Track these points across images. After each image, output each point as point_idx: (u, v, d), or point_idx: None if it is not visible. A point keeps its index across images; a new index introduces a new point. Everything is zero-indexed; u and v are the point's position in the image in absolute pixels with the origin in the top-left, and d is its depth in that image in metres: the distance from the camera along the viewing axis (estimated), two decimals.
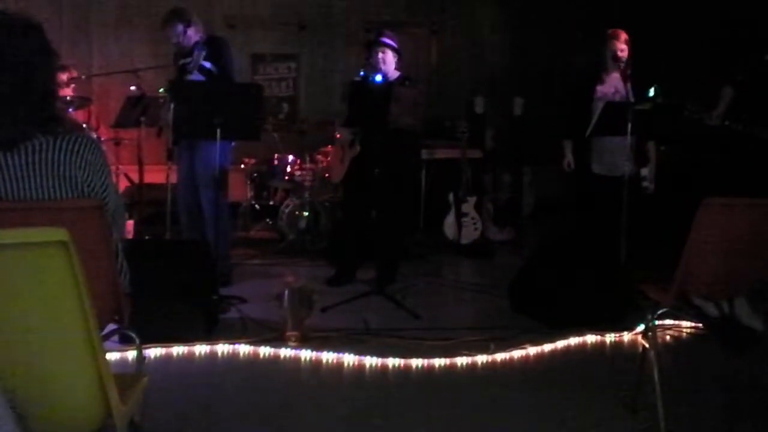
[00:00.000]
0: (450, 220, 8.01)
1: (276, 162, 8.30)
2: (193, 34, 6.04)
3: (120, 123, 7.68)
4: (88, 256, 2.19)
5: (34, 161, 2.49)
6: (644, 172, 6.07)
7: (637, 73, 6.01)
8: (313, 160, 8.16)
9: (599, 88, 6.18)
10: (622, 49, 6.07)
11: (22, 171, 2.48)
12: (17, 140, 2.48)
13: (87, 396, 1.96)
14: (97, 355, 1.91)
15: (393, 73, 6.12)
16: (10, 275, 1.78)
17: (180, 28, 5.99)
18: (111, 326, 2.83)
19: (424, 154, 8.40)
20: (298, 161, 8.21)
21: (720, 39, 7.14)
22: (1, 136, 2.47)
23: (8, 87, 2.44)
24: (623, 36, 6.09)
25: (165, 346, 4.50)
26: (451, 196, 8.03)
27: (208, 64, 5.93)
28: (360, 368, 4.36)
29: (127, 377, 2.41)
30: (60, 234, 1.75)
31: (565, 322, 5.08)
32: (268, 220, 8.36)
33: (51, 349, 1.89)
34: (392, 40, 6.18)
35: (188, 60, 5.99)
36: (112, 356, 4.11)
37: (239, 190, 8.38)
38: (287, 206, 7.87)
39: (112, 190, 2.71)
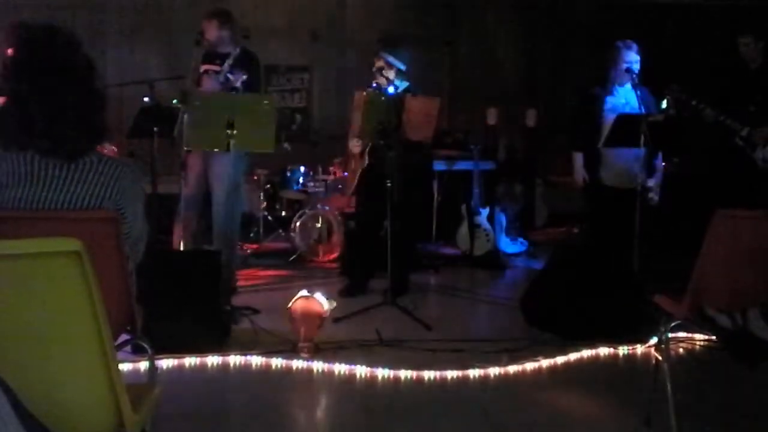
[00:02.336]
0: (463, 231, 8.00)
1: (289, 173, 8.32)
2: (228, 41, 6.07)
3: (133, 134, 7.70)
4: (102, 267, 2.19)
5: (78, 178, 2.54)
6: (650, 182, 6.05)
7: (648, 84, 6.01)
8: (325, 171, 8.18)
9: (610, 99, 6.17)
10: (634, 60, 6.07)
11: (63, 183, 2.51)
12: (78, 154, 2.51)
13: (99, 405, 1.97)
14: (110, 364, 1.92)
15: (404, 84, 6.15)
16: (24, 285, 1.80)
17: (221, 27, 6.02)
18: (124, 336, 2.84)
19: (437, 165, 8.41)
20: (311, 172, 8.23)
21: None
22: (69, 148, 2.50)
23: (77, 100, 2.48)
24: (635, 47, 6.09)
25: (177, 357, 4.51)
26: (463, 208, 8.03)
27: (239, 76, 5.93)
28: (372, 380, 4.36)
29: (140, 387, 2.41)
30: (74, 244, 1.76)
31: (578, 334, 5.06)
32: (280, 231, 8.37)
33: (64, 359, 1.90)
34: (392, 56, 6.21)
35: (218, 68, 6.00)
36: (124, 366, 4.11)
37: (252, 201, 8.40)
38: (300, 217, 7.89)
39: (140, 219, 2.75)
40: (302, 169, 8.29)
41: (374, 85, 6.16)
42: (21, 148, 2.50)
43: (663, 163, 6.30)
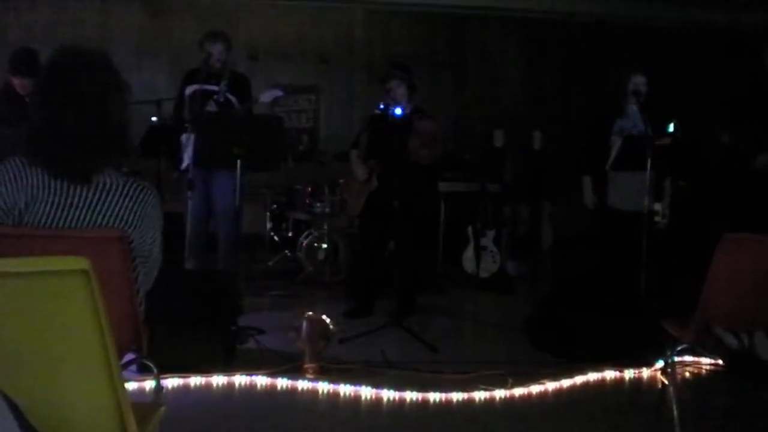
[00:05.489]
0: (469, 253, 8.01)
1: (295, 193, 8.34)
2: (223, 59, 6.13)
3: (141, 153, 7.73)
4: (109, 286, 2.20)
5: (99, 199, 2.55)
6: (657, 206, 6.05)
7: (655, 108, 6.02)
8: (332, 192, 8.19)
9: (618, 122, 6.19)
10: (641, 83, 6.09)
11: (82, 202, 2.53)
12: (91, 175, 2.53)
13: (105, 424, 1.96)
14: (116, 384, 1.92)
15: (410, 107, 6.16)
16: (30, 303, 1.80)
17: (222, 48, 6.08)
18: (129, 355, 2.84)
19: (443, 186, 8.42)
20: (317, 193, 8.25)
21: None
22: (77, 169, 2.52)
23: (86, 121, 2.50)
24: (642, 70, 6.11)
25: (183, 377, 4.50)
26: (470, 230, 8.03)
27: (233, 99, 5.99)
28: (377, 401, 4.34)
29: (145, 407, 2.41)
30: (81, 263, 1.76)
31: (585, 357, 5.05)
32: (286, 251, 8.38)
33: (70, 378, 1.89)
34: (405, 72, 6.23)
35: (214, 88, 6.04)
36: (130, 385, 4.10)
37: (258, 221, 8.42)
38: (306, 238, 7.89)
39: (158, 245, 2.76)
40: (308, 189, 8.30)
41: (381, 107, 6.17)
42: (41, 167, 2.52)
43: (671, 187, 6.30)
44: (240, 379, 4.59)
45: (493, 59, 10.65)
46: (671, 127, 5.89)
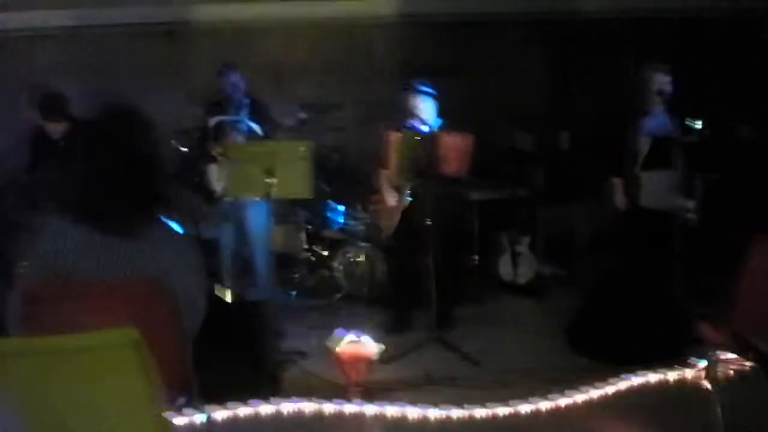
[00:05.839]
0: (504, 260, 8.02)
1: (329, 212, 8.39)
2: (242, 88, 6.22)
3: (178, 183, 7.83)
4: (157, 335, 2.27)
5: (142, 251, 2.62)
6: (689, 204, 6.04)
7: (682, 105, 6.01)
8: (365, 209, 8.21)
9: (645, 122, 6.18)
10: (666, 82, 6.08)
11: (124, 254, 2.60)
12: (140, 229, 2.61)
13: None
14: None
15: (436, 121, 6.20)
16: (84, 376, 1.86)
17: (236, 78, 6.17)
18: (181, 399, 2.90)
19: (474, 195, 8.41)
20: (351, 210, 8.29)
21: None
22: (126, 225, 2.61)
23: (136, 177, 2.59)
24: (667, 69, 6.11)
25: (231, 408, 4.55)
26: (504, 237, 8.05)
27: (255, 127, 6.10)
28: (424, 420, 4.39)
29: None
30: (131, 334, 1.82)
31: (628, 359, 5.05)
32: (324, 270, 8.42)
33: None
34: (429, 87, 6.27)
35: (236, 119, 6.13)
36: (180, 420, 4.16)
37: (294, 242, 8.48)
38: (342, 255, 7.95)
39: (203, 291, 2.84)
40: (342, 207, 8.35)
41: (408, 123, 6.20)
42: (86, 223, 2.59)
43: (702, 184, 6.29)
44: (287, 407, 4.64)
45: (516, 62, 10.62)
46: (697, 124, 5.88)
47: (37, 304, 2.50)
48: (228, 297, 5.94)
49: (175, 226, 5.57)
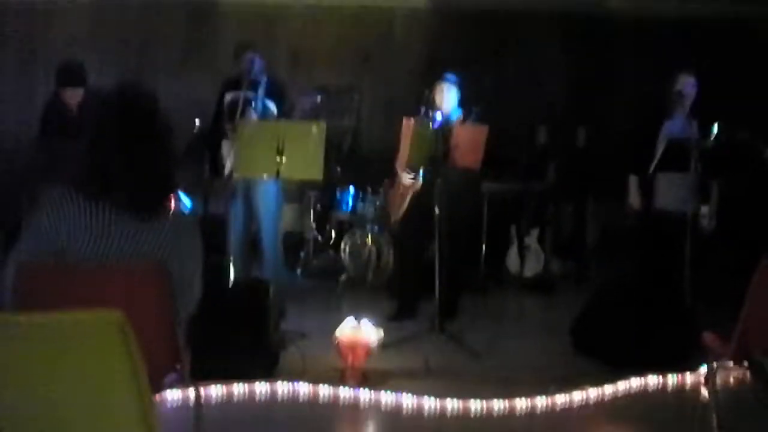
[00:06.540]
0: (512, 253, 7.98)
1: (338, 194, 8.37)
2: (260, 68, 6.18)
3: (186, 157, 7.80)
4: (149, 315, 2.25)
5: (141, 230, 2.62)
6: (704, 209, 5.98)
7: (702, 110, 5.95)
8: (375, 192, 8.19)
9: (666, 123, 6.12)
10: (689, 84, 6.02)
11: (125, 233, 2.59)
12: (151, 209, 2.59)
13: None
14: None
15: (454, 111, 6.15)
16: (65, 354, 1.83)
17: (254, 58, 6.14)
18: (171, 376, 2.87)
19: (486, 187, 8.37)
20: (360, 193, 8.27)
21: None
22: (147, 205, 2.61)
23: (156, 158, 2.57)
24: (689, 72, 6.04)
25: (226, 384, 4.53)
26: (513, 230, 8.00)
27: (271, 105, 6.06)
28: (419, 409, 4.36)
29: None
30: (115, 316, 1.79)
31: (629, 361, 5.02)
32: (330, 252, 8.41)
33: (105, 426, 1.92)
34: (455, 76, 6.22)
35: (252, 96, 6.09)
36: (173, 395, 4.15)
37: (302, 222, 8.47)
38: (350, 238, 7.92)
39: (198, 275, 2.83)
40: (351, 189, 8.33)
41: (423, 111, 6.15)
42: (91, 198, 2.56)
43: (718, 190, 6.24)
44: (283, 387, 4.62)
45: (535, 56, 10.55)
46: (715, 129, 5.81)
47: (31, 278, 2.49)
48: (232, 273, 5.93)
49: (185, 199, 5.59)
